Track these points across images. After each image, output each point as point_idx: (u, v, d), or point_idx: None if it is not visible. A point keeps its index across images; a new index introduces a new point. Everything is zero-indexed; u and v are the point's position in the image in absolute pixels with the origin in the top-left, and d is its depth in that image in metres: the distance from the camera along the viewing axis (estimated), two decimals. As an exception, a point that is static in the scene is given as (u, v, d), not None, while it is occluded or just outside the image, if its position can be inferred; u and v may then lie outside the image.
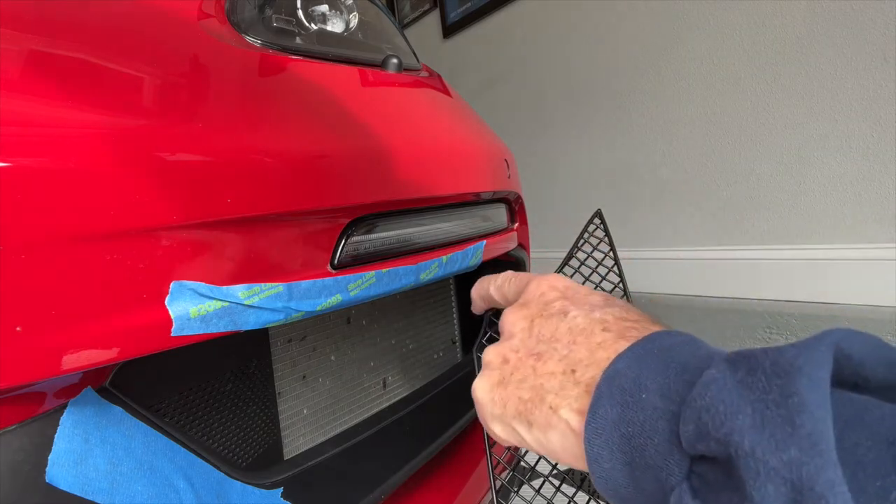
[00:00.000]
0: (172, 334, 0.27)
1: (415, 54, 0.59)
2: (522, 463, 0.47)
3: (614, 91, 1.47)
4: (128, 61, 0.30)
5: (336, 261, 0.37)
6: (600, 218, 0.48)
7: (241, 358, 0.40)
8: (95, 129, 0.25)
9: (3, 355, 0.22)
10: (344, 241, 0.37)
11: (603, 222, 0.48)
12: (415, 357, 0.59)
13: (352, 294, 0.37)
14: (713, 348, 0.20)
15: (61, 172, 0.24)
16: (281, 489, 0.38)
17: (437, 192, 0.45)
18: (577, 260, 0.47)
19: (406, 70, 0.53)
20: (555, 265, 0.47)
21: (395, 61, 0.50)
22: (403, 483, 0.43)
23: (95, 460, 0.27)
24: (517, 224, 0.65)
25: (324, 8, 0.47)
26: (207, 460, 0.34)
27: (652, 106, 1.39)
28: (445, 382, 0.60)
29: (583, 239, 0.47)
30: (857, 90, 1.04)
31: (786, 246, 1.18)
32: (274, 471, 0.41)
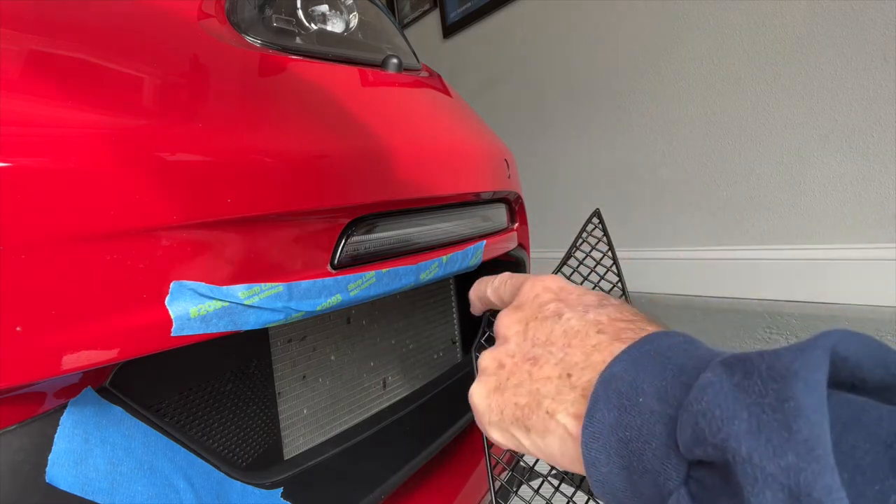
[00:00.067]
0: (172, 334, 0.27)
1: (415, 54, 0.59)
2: (521, 463, 0.47)
3: (614, 91, 1.47)
4: (128, 61, 0.30)
5: (336, 261, 0.37)
6: (599, 217, 0.48)
7: (241, 358, 0.40)
8: (95, 129, 0.25)
9: (3, 355, 0.22)
10: (344, 241, 0.37)
11: (601, 222, 0.48)
12: (415, 357, 0.59)
13: (352, 294, 0.37)
14: (710, 349, 0.20)
15: (61, 172, 0.24)
16: (281, 489, 0.38)
17: (437, 192, 0.45)
18: (576, 259, 0.47)
19: (406, 70, 0.53)
20: (555, 265, 0.47)
21: (395, 61, 0.50)
22: (403, 483, 0.43)
23: (95, 460, 0.27)
24: (517, 224, 0.65)
25: (324, 8, 0.47)
26: (207, 460, 0.34)
27: (652, 106, 1.39)
28: (445, 382, 0.60)
29: (581, 238, 0.47)
30: (857, 90, 1.04)
31: (786, 246, 1.18)
32: (274, 471, 0.41)
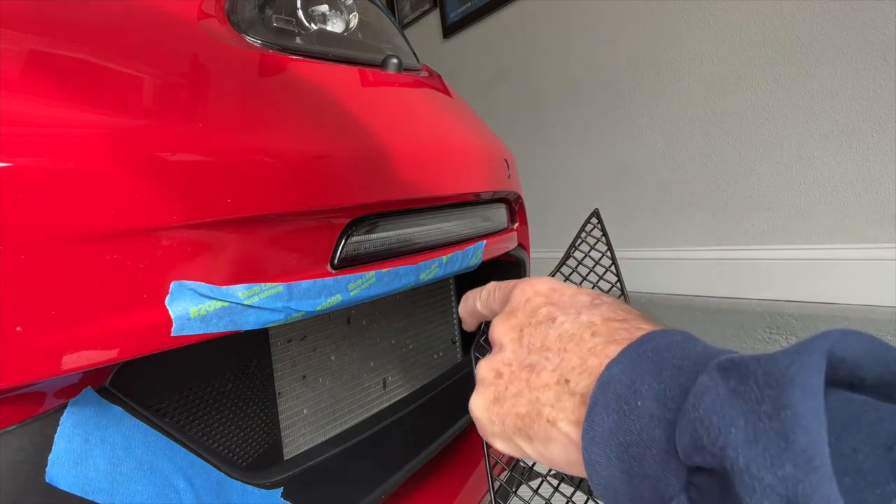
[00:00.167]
0: (172, 334, 0.27)
1: (415, 54, 0.59)
2: (521, 463, 0.47)
3: (614, 91, 1.47)
4: (128, 61, 0.30)
5: (336, 261, 0.37)
6: (598, 217, 0.48)
7: (241, 358, 0.40)
8: (95, 129, 0.25)
9: (3, 355, 0.22)
10: (344, 241, 0.37)
11: (600, 222, 0.48)
12: (415, 357, 0.59)
13: (352, 294, 0.37)
14: (707, 346, 0.20)
15: (61, 172, 0.24)
16: (281, 489, 0.38)
17: (437, 192, 0.45)
18: (575, 259, 0.47)
19: (406, 70, 0.53)
20: (555, 265, 0.47)
21: (395, 61, 0.50)
22: (403, 483, 0.43)
23: (95, 460, 0.27)
24: (517, 224, 0.65)
25: (324, 8, 0.47)
26: (207, 460, 0.34)
27: (652, 106, 1.39)
28: (445, 382, 0.60)
29: (580, 238, 0.47)
30: (857, 90, 1.04)
31: (786, 246, 1.18)
32: (274, 471, 0.41)
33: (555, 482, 0.37)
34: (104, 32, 0.31)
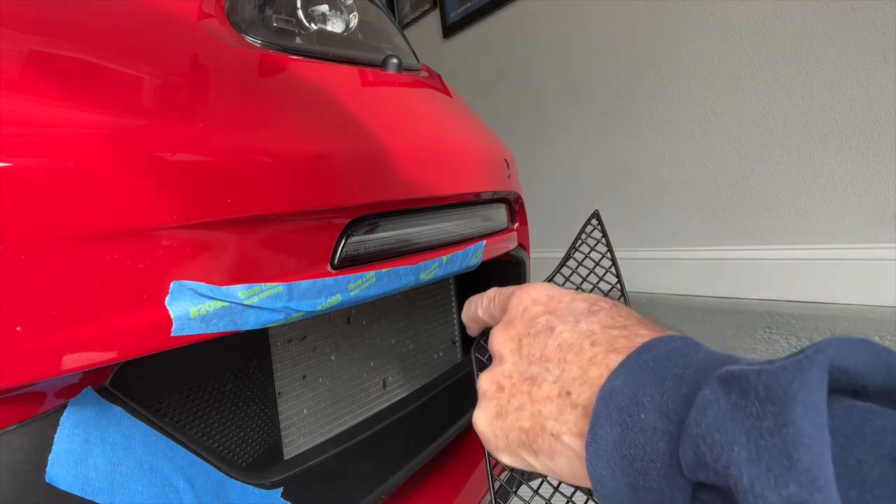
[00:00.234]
0: (172, 334, 0.27)
1: (415, 54, 0.59)
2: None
3: (614, 91, 1.47)
4: (128, 61, 0.30)
5: (336, 261, 0.37)
6: (598, 219, 0.48)
7: (241, 358, 0.40)
8: (95, 129, 0.25)
9: (3, 355, 0.22)
10: (344, 241, 0.37)
11: (600, 223, 0.48)
12: (415, 357, 0.59)
13: (352, 294, 0.37)
14: (708, 352, 0.20)
15: (61, 172, 0.24)
16: (281, 489, 0.38)
17: (437, 192, 0.45)
18: (575, 261, 0.47)
19: (406, 70, 0.53)
20: (555, 265, 0.47)
21: (395, 61, 0.50)
22: (403, 483, 0.43)
23: (95, 460, 0.27)
24: (517, 224, 0.65)
25: (324, 8, 0.47)
26: (207, 460, 0.34)
27: (652, 106, 1.38)
28: (445, 382, 0.60)
29: (580, 240, 0.47)
30: (857, 90, 1.04)
31: (786, 246, 1.18)
32: (274, 471, 0.41)
33: (555, 482, 0.37)
34: (104, 32, 0.31)
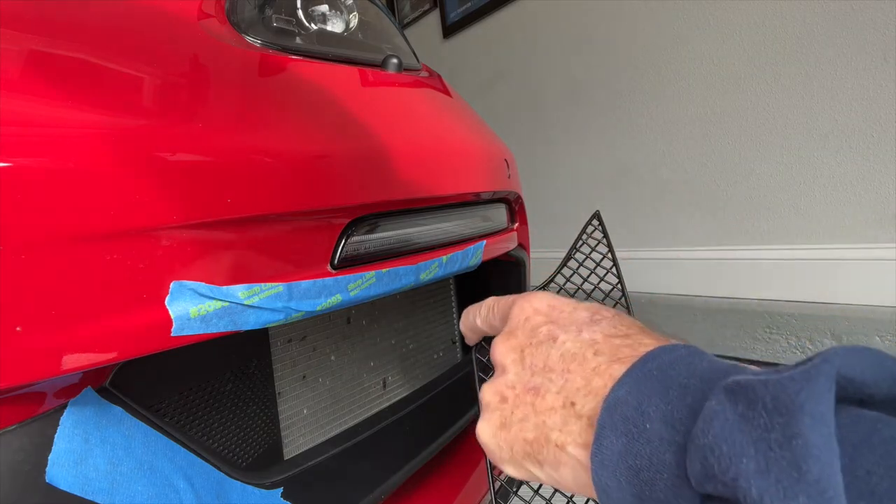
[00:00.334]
0: (172, 334, 0.27)
1: (415, 54, 0.59)
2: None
3: (614, 91, 1.47)
4: (128, 61, 0.30)
5: (336, 261, 0.37)
6: (598, 219, 0.48)
7: (241, 358, 0.40)
8: (95, 129, 0.25)
9: (3, 355, 0.22)
10: (344, 241, 0.37)
11: (601, 223, 0.48)
12: (415, 357, 0.59)
13: (352, 294, 0.37)
14: (713, 361, 0.19)
15: (61, 172, 0.24)
16: (281, 489, 0.38)
17: (437, 192, 0.45)
18: (576, 261, 0.47)
19: (406, 70, 0.53)
20: (555, 265, 0.47)
21: (395, 61, 0.50)
22: (403, 483, 0.43)
23: (95, 460, 0.27)
24: (517, 224, 0.65)
25: (324, 8, 0.47)
26: (207, 460, 0.34)
27: (652, 106, 1.39)
28: (445, 382, 0.60)
29: (581, 240, 0.47)
30: (857, 90, 1.04)
31: (786, 246, 1.18)
32: (274, 471, 0.41)
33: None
34: (104, 32, 0.31)
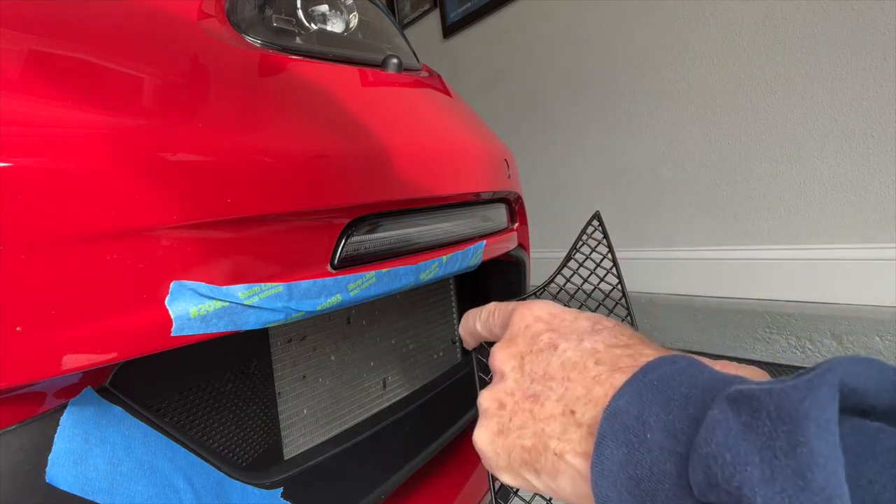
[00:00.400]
0: (172, 334, 0.27)
1: (415, 54, 0.59)
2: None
3: (614, 91, 1.47)
4: (128, 61, 0.30)
5: (336, 261, 0.37)
6: (598, 220, 0.48)
7: (241, 358, 0.40)
8: (95, 129, 0.25)
9: (3, 355, 0.22)
10: (344, 241, 0.37)
11: (601, 224, 0.47)
12: (415, 357, 0.59)
13: (352, 294, 0.37)
14: (713, 373, 0.19)
15: (61, 172, 0.24)
16: (281, 489, 0.38)
17: (437, 193, 0.45)
18: (576, 262, 0.47)
19: (406, 70, 0.53)
20: (555, 265, 0.47)
21: (395, 61, 0.50)
22: (403, 483, 0.43)
23: (95, 460, 0.27)
24: (517, 224, 0.65)
25: (324, 8, 0.47)
26: (207, 460, 0.34)
27: (652, 106, 1.39)
28: (445, 382, 0.60)
29: (581, 241, 0.47)
30: (857, 90, 1.04)
31: (786, 246, 1.18)
32: (274, 471, 0.41)
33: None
34: (104, 32, 0.31)
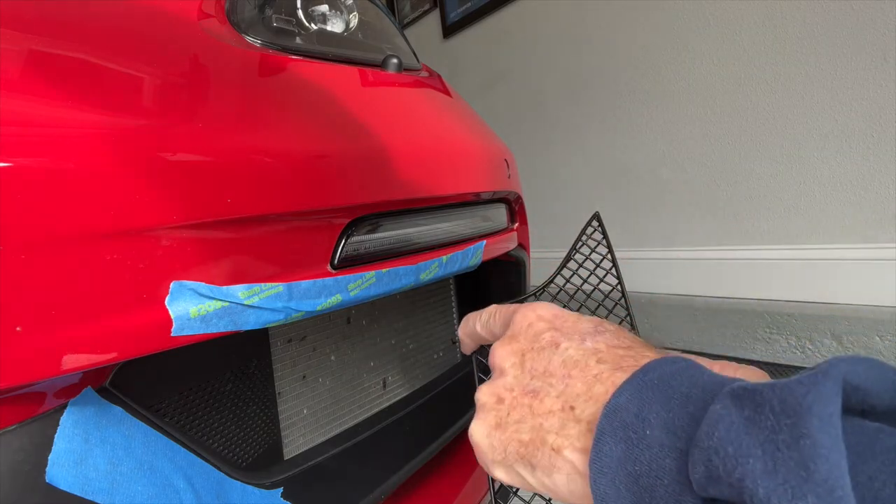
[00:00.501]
0: (172, 334, 0.27)
1: (415, 54, 0.59)
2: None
3: (614, 91, 1.47)
4: (128, 61, 0.30)
5: (336, 261, 0.37)
6: (598, 220, 0.48)
7: (241, 358, 0.40)
8: (95, 129, 0.25)
9: (3, 355, 0.22)
10: (344, 241, 0.37)
11: (601, 224, 0.47)
12: (415, 357, 0.59)
13: (352, 294, 0.37)
14: (713, 375, 0.19)
15: (61, 172, 0.24)
16: (281, 489, 0.38)
17: (437, 192, 0.45)
18: (576, 262, 0.47)
19: (406, 70, 0.53)
20: (555, 265, 0.47)
21: (395, 61, 0.50)
22: (403, 483, 0.43)
23: (95, 460, 0.27)
24: (517, 224, 0.65)
25: (324, 8, 0.47)
26: (207, 460, 0.34)
27: (652, 106, 1.38)
28: (445, 382, 0.60)
29: (581, 241, 0.47)
30: (857, 90, 1.04)
31: (786, 246, 1.18)
32: (274, 471, 0.41)
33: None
34: (104, 32, 0.31)
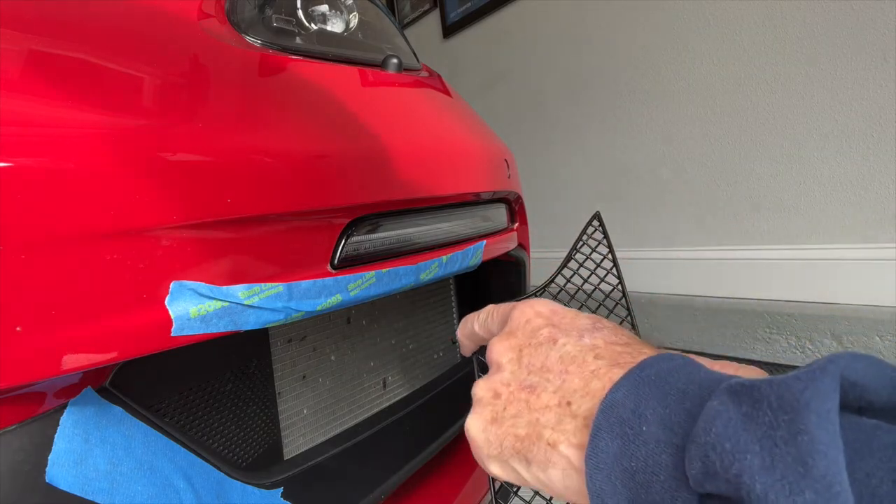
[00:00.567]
0: (172, 334, 0.27)
1: (415, 54, 0.59)
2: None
3: (614, 91, 1.47)
4: (128, 61, 0.30)
5: (336, 261, 0.37)
6: (599, 220, 0.48)
7: (241, 358, 0.40)
8: (95, 129, 0.25)
9: (3, 355, 0.22)
10: (344, 241, 0.37)
11: (602, 224, 0.47)
12: (415, 357, 0.59)
13: (352, 294, 0.37)
14: (710, 371, 0.19)
15: (61, 172, 0.24)
16: (281, 489, 0.38)
17: (437, 193, 0.45)
18: (576, 262, 0.47)
19: (406, 70, 0.53)
20: (555, 265, 0.47)
21: (395, 61, 0.50)
22: (403, 483, 0.43)
23: (95, 460, 0.27)
24: (517, 224, 0.65)
25: (324, 8, 0.47)
26: (207, 460, 0.34)
27: (652, 106, 1.39)
28: (445, 382, 0.60)
29: (581, 241, 0.47)
30: (857, 90, 1.04)
31: (786, 246, 1.18)
32: (274, 471, 0.41)
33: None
34: (104, 32, 0.31)
